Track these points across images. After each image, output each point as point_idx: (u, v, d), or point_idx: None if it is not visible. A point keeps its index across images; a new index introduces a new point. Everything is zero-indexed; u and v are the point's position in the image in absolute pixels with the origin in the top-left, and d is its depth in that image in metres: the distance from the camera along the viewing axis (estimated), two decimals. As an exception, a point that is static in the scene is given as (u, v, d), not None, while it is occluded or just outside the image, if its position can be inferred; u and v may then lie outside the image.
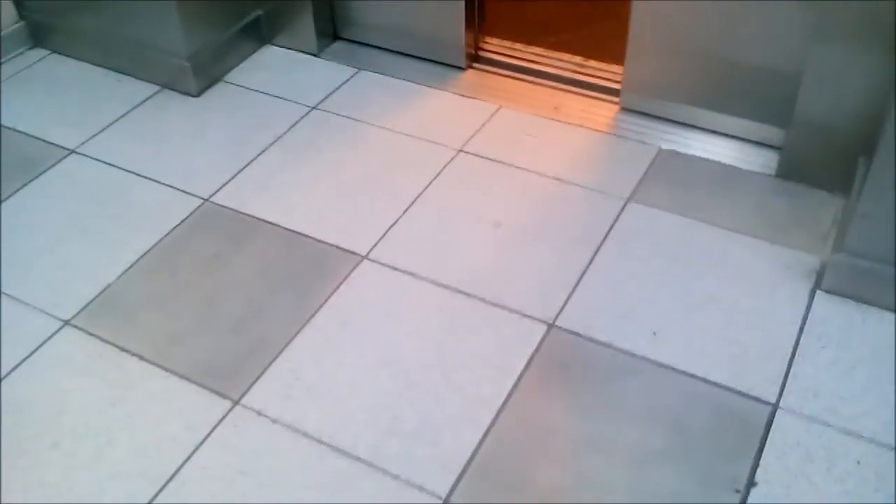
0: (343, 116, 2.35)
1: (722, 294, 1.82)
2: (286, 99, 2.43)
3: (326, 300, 1.84)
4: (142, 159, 2.23)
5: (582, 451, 1.55)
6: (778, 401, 1.62)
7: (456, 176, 2.15)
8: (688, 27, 2.09)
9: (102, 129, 2.33)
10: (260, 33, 2.61)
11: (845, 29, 1.77)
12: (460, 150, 2.22)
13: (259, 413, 1.64)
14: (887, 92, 1.77)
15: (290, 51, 2.62)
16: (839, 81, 1.85)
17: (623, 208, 2.03)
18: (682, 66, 2.16)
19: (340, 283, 1.88)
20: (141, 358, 1.74)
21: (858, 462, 1.51)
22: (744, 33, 2.03)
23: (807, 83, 1.90)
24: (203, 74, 2.45)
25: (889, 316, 1.75)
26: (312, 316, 1.81)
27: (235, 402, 1.66)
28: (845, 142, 1.92)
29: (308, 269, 1.92)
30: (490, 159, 2.19)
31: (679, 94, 2.21)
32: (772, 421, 1.58)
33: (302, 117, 2.36)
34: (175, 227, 2.03)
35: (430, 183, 2.12)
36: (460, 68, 2.51)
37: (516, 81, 2.46)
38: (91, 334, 1.79)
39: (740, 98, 2.14)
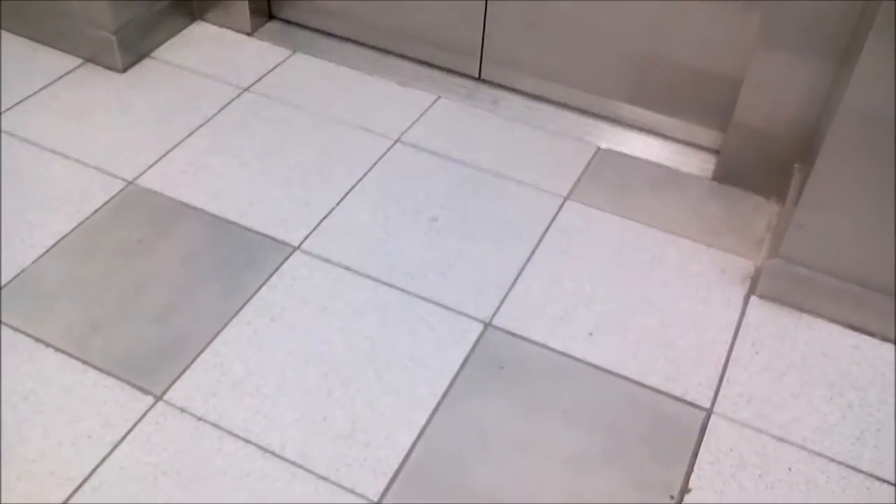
0: (276, 100, 2.27)
1: (658, 296, 1.81)
2: (217, 79, 2.33)
3: (256, 292, 1.77)
4: (62, 137, 2.11)
5: (517, 453, 1.53)
6: (712, 406, 1.62)
7: (393, 167, 2.09)
8: (621, 27, 2.07)
9: (18, 103, 2.20)
10: (191, 9, 2.50)
11: (789, 35, 1.76)
12: (397, 141, 2.16)
13: (183, 410, 1.57)
14: (826, 100, 1.79)
15: (222, 28, 2.51)
16: (779, 87, 1.85)
17: (561, 206, 2.00)
18: (619, 65, 2.15)
19: (271, 275, 1.81)
20: (57, 349, 1.65)
21: (790, 469, 1.52)
22: (683, 34, 2.02)
23: (747, 87, 1.90)
24: (129, 49, 2.34)
25: (820, 323, 1.77)
26: (241, 308, 1.74)
27: (158, 398, 1.58)
28: (782, 148, 1.93)
29: (237, 259, 1.84)
30: (428, 151, 2.14)
31: (618, 92, 2.20)
32: (706, 426, 1.58)
33: (233, 99, 2.27)
34: (97, 211, 1.93)
35: (365, 173, 2.06)
36: (402, 56, 2.44)
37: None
38: (2, 323, 1.69)
39: (680, 99, 2.14)
